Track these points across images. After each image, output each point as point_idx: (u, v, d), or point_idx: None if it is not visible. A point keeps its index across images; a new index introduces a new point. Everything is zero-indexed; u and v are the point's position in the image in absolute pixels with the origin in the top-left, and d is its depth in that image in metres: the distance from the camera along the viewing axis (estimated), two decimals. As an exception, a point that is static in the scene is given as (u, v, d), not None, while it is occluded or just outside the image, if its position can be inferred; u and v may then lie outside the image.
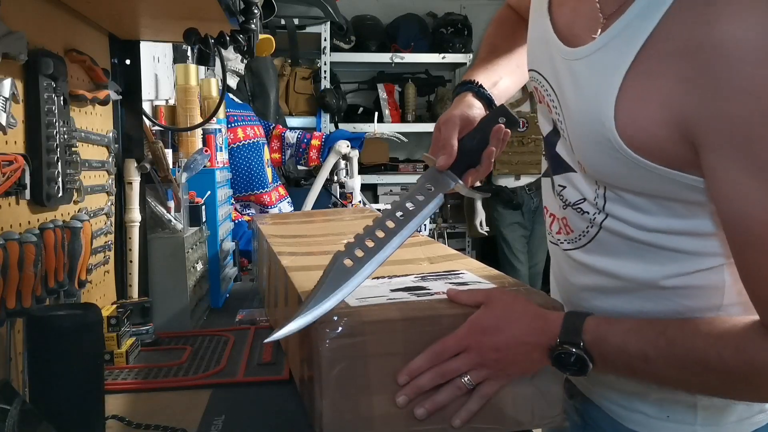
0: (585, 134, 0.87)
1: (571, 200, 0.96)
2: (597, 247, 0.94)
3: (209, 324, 1.56)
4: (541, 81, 0.97)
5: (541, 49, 0.97)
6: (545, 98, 0.98)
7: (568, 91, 0.90)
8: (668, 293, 0.90)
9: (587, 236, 0.95)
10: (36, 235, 0.98)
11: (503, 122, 0.99)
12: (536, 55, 0.99)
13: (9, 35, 0.93)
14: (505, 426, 0.90)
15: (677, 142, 0.78)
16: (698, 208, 0.84)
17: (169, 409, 1.05)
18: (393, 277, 1.05)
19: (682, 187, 0.82)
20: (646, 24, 0.79)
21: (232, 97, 2.74)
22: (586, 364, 0.85)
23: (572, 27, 0.92)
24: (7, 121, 0.94)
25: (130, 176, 1.46)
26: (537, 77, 0.99)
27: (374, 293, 0.96)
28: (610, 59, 0.82)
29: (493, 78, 1.11)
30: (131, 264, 1.46)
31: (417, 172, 5.00)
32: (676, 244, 0.88)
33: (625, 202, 0.89)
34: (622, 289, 0.94)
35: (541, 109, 1.02)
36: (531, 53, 1.02)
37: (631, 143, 0.81)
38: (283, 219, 1.86)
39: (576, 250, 0.98)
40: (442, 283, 1.01)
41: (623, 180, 0.86)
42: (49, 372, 0.84)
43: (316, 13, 4.21)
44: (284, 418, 1.02)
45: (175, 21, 1.37)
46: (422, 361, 0.87)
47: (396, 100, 4.93)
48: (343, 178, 2.78)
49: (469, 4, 5.13)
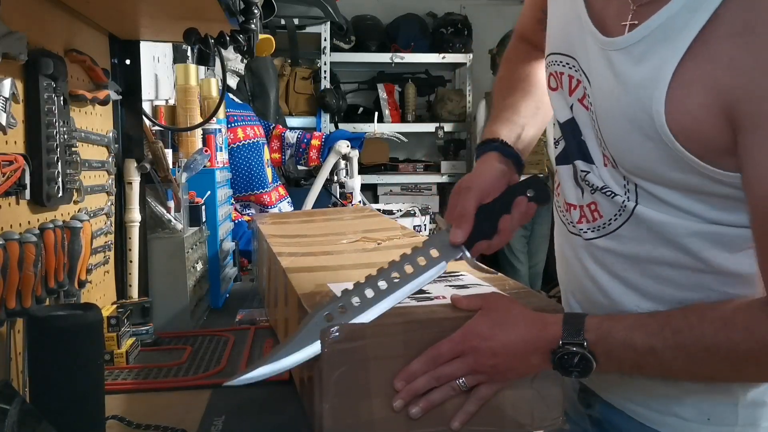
0: (626, 129, 0.85)
1: (598, 185, 0.93)
2: (626, 233, 0.92)
3: (209, 324, 1.56)
4: (572, 64, 0.93)
5: (573, 33, 0.93)
6: (569, 83, 0.94)
7: (606, 81, 0.87)
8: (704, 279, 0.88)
9: (616, 222, 0.93)
10: (36, 235, 0.98)
11: (531, 195, 0.93)
12: (565, 39, 0.95)
13: (9, 35, 0.93)
14: (504, 428, 0.90)
15: (722, 129, 0.79)
16: (734, 202, 0.83)
17: (169, 409, 1.05)
18: None
19: (718, 184, 0.82)
20: (698, 15, 0.78)
21: (232, 97, 2.74)
22: (590, 364, 0.84)
23: (603, 13, 0.89)
24: (7, 121, 0.94)
25: (130, 176, 1.46)
26: (565, 61, 0.95)
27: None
28: (658, 52, 0.81)
29: (516, 130, 1.06)
30: (131, 264, 1.46)
31: (417, 172, 5.00)
32: (711, 231, 0.86)
33: (656, 197, 0.87)
34: (651, 277, 0.92)
35: (560, 94, 0.97)
36: (556, 36, 0.98)
37: (677, 133, 0.80)
38: (282, 219, 1.86)
39: (601, 239, 0.95)
40: (442, 286, 1.01)
41: (659, 176, 0.85)
42: (49, 372, 0.84)
43: (316, 13, 4.20)
44: (284, 418, 1.02)
45: (175, 21, 1.37)
46: (418, 366, 0.87)
47: (396, 100, 4.93)
48: (343, 178, 2.78)
49: (469, 4, 5.13)
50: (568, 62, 0.94)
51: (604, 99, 0.89)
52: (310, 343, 0.86)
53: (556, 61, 0.97)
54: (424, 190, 4.99)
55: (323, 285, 1.02)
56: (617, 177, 0.91)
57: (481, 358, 0.86)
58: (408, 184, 4.97)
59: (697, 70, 0.79)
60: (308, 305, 0.93)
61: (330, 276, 1.09)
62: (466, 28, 4.90)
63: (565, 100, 0.97)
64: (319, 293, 0.99)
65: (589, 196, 0.96)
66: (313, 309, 0.90)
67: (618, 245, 0.93)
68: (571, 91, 0.95)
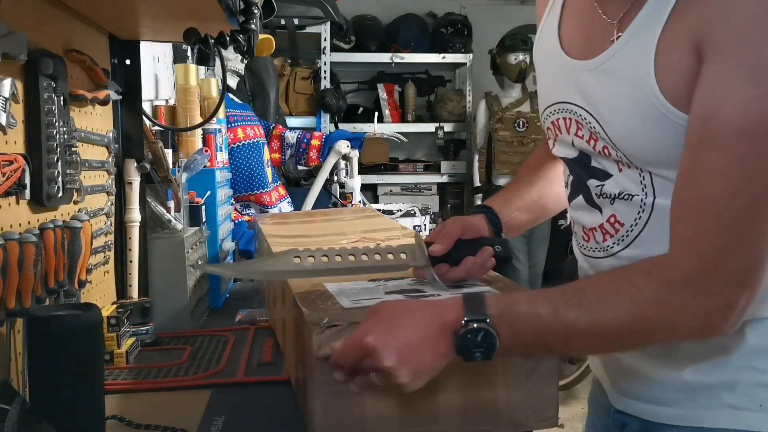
0: (629, 114, 0.89)
1: (614, 192, 0.96)
2: (649, 235, 0.93)
3: (209, 324, 1.56)
4: (569, 108, 0.99)
5: (560, 81, 1.00)
6: (566, 125, 1.00)
7: (603, 90, 0.92)
8: None
9: (638, 225, 0.94)
10: (36, 235, 0.98)
11: (498, 250, 1.04)
12: (555, 89, 1.02)
13: (9, 35, 0.93)
14: (499, 427, 0.90)
15: (695, 68, 0.82)
16: None
17: (169, 409, 1.05)
18: (389, 280, 1.05)
19: None
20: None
21: (232, 97, 2.73)
22: (493, 341, 0.81)
23: (587, 46, 0.96)
24: (7, 121, 0.94)
25: (130, 176, 1.46)
26: (562, 107, 1.00)
27: (369, 295, 0.96)
28: (643, 36, 0.87)
29: (511, 212, 1.16)
30: (131, 264, 1.46)
31: (417, 172, 5.00)
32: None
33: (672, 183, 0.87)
34: None
35: (563, 140, 1.03)
36: (548, 92, 1.04)
37: (672, 98, 0.84)
38: (283, 219, 1.86)
39: (626, 249, 0.96)
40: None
41: (672, 158, 0.86)
42: (49, 372, 0.84)
43: (316, 13, 4.20)
44: (284, 418, 1.02)
45: (175, 21, 1.37)
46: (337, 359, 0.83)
47: (396, 100, 4.93)
48: (343, 178, 2.78)
49: (469, 4, 5.13)
50: (561, 107, 1.00)
51: (604, 107, 0.92)
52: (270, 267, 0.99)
53: (555, 111, 1.02)
54: (424, 190, 4.99)
55: (319, 285, 1.02)
56: (633, 175, 0.93)
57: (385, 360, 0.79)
58: (408, 184, 4.97)
59: (673, 32, 0.84)
60: (303, 304, 0.93)
61: (329, 276, 1.09)
62: (466, 28, 4.90)
63: (566, 141, 1.02)
64: (315, 292, 0.99)
65: (608, 209, 0.97)
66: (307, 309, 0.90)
67: (643, 251, 0.92)
68: (568, 129, 1.00)
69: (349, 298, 0.94)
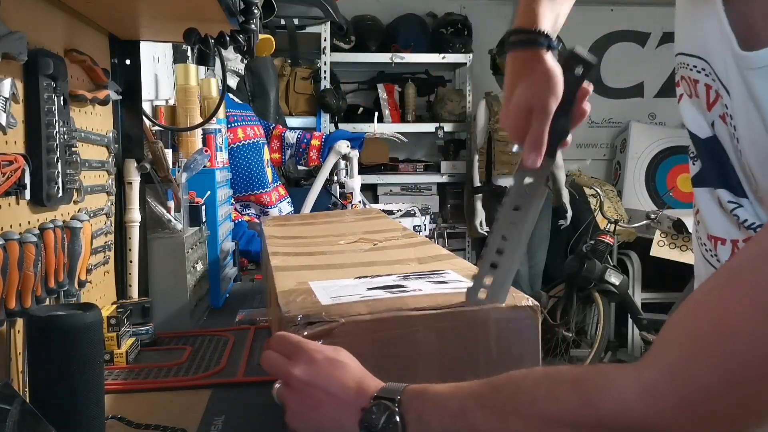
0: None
1: (752, 222, 0.77)
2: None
3: (209, 324, 1.56)
4: (708, 71, 0.78)
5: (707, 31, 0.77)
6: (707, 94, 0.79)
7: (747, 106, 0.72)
8: None
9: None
10: (36, 236, 0.98)
11: (579, 73, 0.84)
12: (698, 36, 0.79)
13: (9, 35, 0.93)
14: None
15: None
16: None
17: (169, 409, 1.05)
18: (375, 276, 1.05)
19: None
20: None
21: (232, 97, 2.74)
22: (395, 428, 0.72)
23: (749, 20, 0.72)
24: (7, 121, 0.94)
25: (130, 176, 1.46)
26: (700, 65, 0.79)
27: (349, 292, 0.97)
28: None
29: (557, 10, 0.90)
30: (131, 264, 1.46)
31: (417, 173, 5.00)
32: None
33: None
34: None
35: (692, 104, 0.83)
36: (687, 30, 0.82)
37: None
38: (285, 221, 1.86)
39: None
40: (423, 282, 1.01)
41: None
42: (49, 372, 0.84)
43: (316, 13, 4.20)
44: (284, 418, 1.02)
45: (175, 21, 1.37)
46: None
47: (396, 100, 4.93)
48: (343, 178, 2.78)
49: (469, 4, 5.13)
50: (704, 67, 0.79)
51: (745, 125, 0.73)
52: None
53: (687, 64, 0.82)
54: (424, 190, 4.99)
55: (304, 283, 1.03)
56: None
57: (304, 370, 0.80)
58: (408, 184, 4.97)
59: None
60: (284, 302, 0.94)
61: (318, 275, 1.10)
62: (466, 28, 4.90)
63: (703, 114, 0.82)
64: (297, 291, 0.99)
65: (744, 230, 0.79)
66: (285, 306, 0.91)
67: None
68: (710, 105, 0.79)
69: (329, 295, 0.95)
